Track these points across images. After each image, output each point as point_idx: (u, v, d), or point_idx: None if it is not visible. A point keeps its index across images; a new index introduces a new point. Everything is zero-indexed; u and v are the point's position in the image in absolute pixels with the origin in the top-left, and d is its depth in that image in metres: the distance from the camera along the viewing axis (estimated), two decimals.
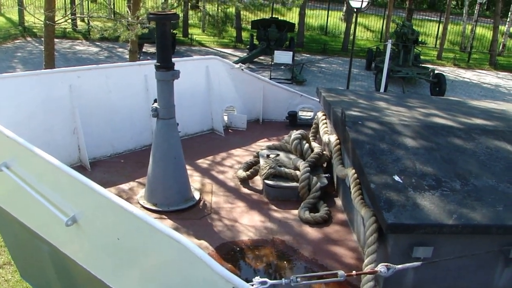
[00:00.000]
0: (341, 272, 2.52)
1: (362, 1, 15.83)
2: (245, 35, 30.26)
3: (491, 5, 46.50)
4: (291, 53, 22.01)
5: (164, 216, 5.25)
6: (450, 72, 27.17)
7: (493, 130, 5.46)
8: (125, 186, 5.91)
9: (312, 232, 5.10)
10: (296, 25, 29.21)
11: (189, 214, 5.33)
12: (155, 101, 5.24)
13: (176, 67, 5.16)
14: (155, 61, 5.14)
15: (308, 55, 28.12)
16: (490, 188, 4.37)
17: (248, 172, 6.14)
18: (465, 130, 5.40)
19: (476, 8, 33.72)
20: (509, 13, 34.35)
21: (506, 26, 34.57)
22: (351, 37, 16.61)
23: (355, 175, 4.77)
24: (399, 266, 2.68)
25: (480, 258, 4.21)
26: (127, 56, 16.82)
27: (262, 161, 6.06)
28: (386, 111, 5.94)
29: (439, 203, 4.05)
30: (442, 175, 4.44)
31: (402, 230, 3.85)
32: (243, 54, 25.51)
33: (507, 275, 4.36)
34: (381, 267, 2.64)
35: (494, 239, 4.09)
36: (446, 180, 4.38)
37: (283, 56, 21.49)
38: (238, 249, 4.72)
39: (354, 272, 2.67)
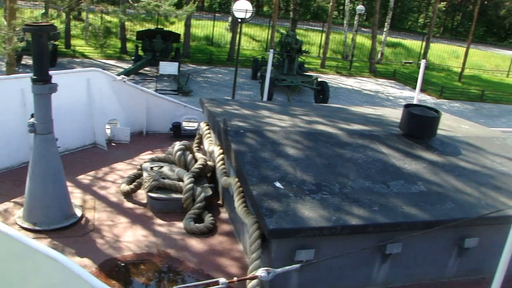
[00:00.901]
0: (222, 280, 2.61)
1: (246, 12, 16.23)
2: (130, 46, 29.75)
3: (370, 16, 49.65)
4: (176, 64, 22.02)
5: (44, 236, 5.07)
6: (333, 79, 28.59)
7: (370, 135, 5.87)
8: (0, 207, 5.62)
9: (197, 244, 5.17)
10: (182, 35, 29.25)
11: (71, 232, 5.20)
12: (32, 115, 5.07)
13: (55, 80, 5.02)
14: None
15: (194, 66, 28.24)
16: (367, 190, 4.71)
17: (131, 186, 6.09)
18: (344, 135, 5.76)
19: (356, 18, 35.80)
20: (385, 23, 36.91)
21: (384, 35, 37.11)
22: (237, 47, 16.95)
23: (238, 183, 4.92)
24: (279, 269, 2.81)
25: (359, 256, 4.53)
26: (4, 69, 15.93)
27: (145, 174, 6.04)
28: (268, 119, 6.17)
29: (319, 206, 4.30)
30: (321, 180, 4.71)
31: (284, 235, 4.04)
32: (128, 66, 25.08)
33: (385, 270, 4.72)
34: (261, 272, 2.75)
35: (372, 237, 4.42)
36: (326, 184, 4.65)
37: (168, 67, 21.42)
38: (122, 264, 4.68)
39: (235, 279, 2.77)
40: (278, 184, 4.49)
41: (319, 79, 23.07)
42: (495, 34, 67.87)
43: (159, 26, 29.61)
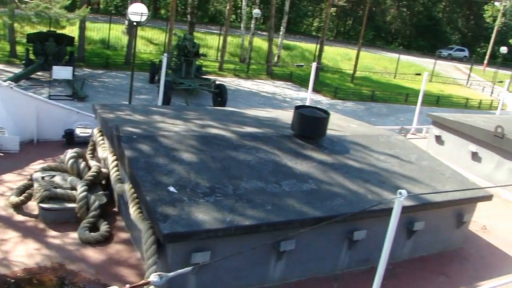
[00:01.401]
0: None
1: (142, 15, 15.99)
2: (20, 49, 28.24)
3: (266, 19, 50.64)
4: (71, 68, 21.19)
5: None
6: (231, 82, 28.88)
7: (263, 136, 6.03)
8: None
9: (94, 253, 5.05)
10: (76, 38, 28.22)
11: None
12: None
13: None
14: None
15: (90, 70, 27.36)
16: (260, 190, 4.84)
17: (21, 197, 5.81)
18: (238, 138, 5.87)
19: (252, 22, 36.37)
20: (281, 27, 37.83)
21: (280, 39, 38.01)
22: (133, 51, 16.65)
23: (132, 190, 4.87)
24: (171, 273, 2.85)
25: (255, 255, 4.65)
26: None
27: (36, 184, 5.80)
28: (162, 124, 6.15)
29: (213, 209, 4.37)
30: (215, 182, 4.78)
31: (179, 239, 4.06)
32: (18, 70, 23.81)
33: (281, 267, 4.88)
34: (153, 277, 2.77)
35: (266, 236, 4.55)
36: (219, 187, 4.73)
37: (62, 72, 20.55)
38: (12, 281, 4.47)
39: (127, 286, 2.77)
40: (172, 189, 4.51)
41: (217, 82, 23.23)
42: (383, 38, 71.72)
43: (51, 29, 28.37)
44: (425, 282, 5.57)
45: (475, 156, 9.06)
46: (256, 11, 35.50)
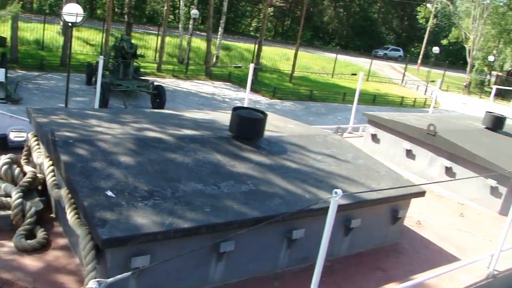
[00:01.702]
0: None
1: (77, 16, 15.61)
2: None
3: (204, 19, 50.50)
4: (3, 70, 20.45)
5: None
6: (170, 83, 28.64)
7: (200, 138, 6.05)
8: None
9: (31, 261, 4.92)
10: (9, 39, 27.21)
11: None
12: None
13: None
14: None
15: (24, 72, 26.41)
16: (198, 192, 4.87)
17: None
18: (176, 140, 5.87)
19: (190, 22, 36.17)
20: (220, 27, 37.85)
21: (218, 39, 38.01)
22: (69, 52, 16.24)
23: (69, 195, 4.79)
24: (110, 279, 2.83)
25: (195, 257, 4.68)
26: None
27: None
28: (99, 128, 6.07)
29: (152, 212, 4.36)
30: (153, 186, 4.77)
31: (118, 243, 4.04)
32: None
33: (221, 268, 4.93)
34: (92, 283, 2.75)
35: (205, 238, 4.58)
36: (158, 190, 4.72)
37: None
38: None
39: None
40: (110, 193, 4.47)
41: (156, 83, 22.97)
42: (321, 38, 73.04)
43: None
44: (363, 277, 5.75)
45: (409, 154, 9.42)
46: (194, 12, 35.34)
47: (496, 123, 9.97)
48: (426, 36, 62.78)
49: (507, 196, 8.15)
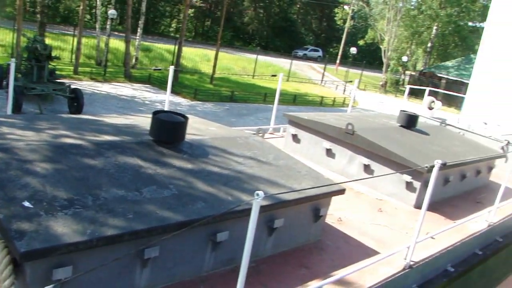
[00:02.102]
0: None
1: None
2: None
3: (123, 20, 49.53)
4: None
5: None
6: (88, 86, 27.88)
7: (121, 144, 5.98)
8: None
9: None
10: None
11: None
12: None
13: None
14: None
15: None
16: (120, 199, 4.82)
17: None
18: (95, 147, 5.77)
19: (108, 23, 35.35)
20: (139, 28, 37.24)
21: (137, 40, 37.40)
22: None
23: None
24: None
25: (120, 266, 4.62)
26: None
27: None
28: (12, 136, 5.84)
29: (73, 221, 4.27)
30: (74, 194, 4.67)
31: (38, 256, 3.92)
32: None
33: (146, 275, 4.90)
34: None
35: (129, 245, 4.54)
36: (78, 198, 4.63)
37: None
38: None
39: None
40: (27, 204, 4.33)
41: (73, 86, 22.26)
42: (241, 39, 73.56)
43: None
44: (288, 275, 5.90)
45: (329, 153, 9.72)
46: (112, 12, 34.54)
47: (409, 121, 10.49)
48: (344, 37, 64.73)
49: (421, 191, 8.59)
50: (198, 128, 7.45)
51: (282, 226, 6.04)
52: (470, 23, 66.88)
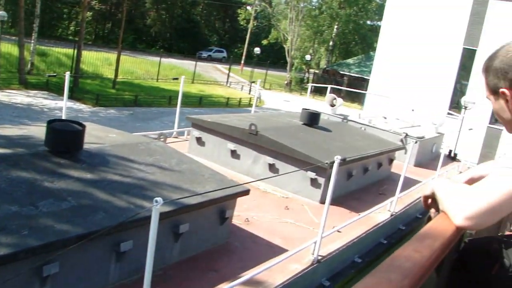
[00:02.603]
0: None
1: None
2: None
3: (15, 22, 47.16)
4: None
5: None
6: None
7: (13, 156, 5.71)
8: None
9: None
10: None
11: None
12: None
13: None
14: None
15: None
16: (13, 215, 4.60)
17: None
18: None
19: None
20: (33, 31, 35.60)
21: (32, 44, 35.72)
22: None
23: None
24: None
25: (16, 286, 4.41)
26: None
27: None
28: None
29: None
30: None
31: None
32: None
33: None
34: None
35: (26, 263, 4.35)
36: None
37: None
38: None
39: None
40: None
41: None
42: (144, 41, 72.37)
43: None
44: (196, 280, 5.90)
45: (234, 154, 9.80)
46: (1, 13, 32.80)
47: (311, 119, 10.81)
48: (247, 37, 65.48)
49: (325, 186, 8.88)
50: (97, 135, 7.26)
51: (188, 231, 6.03)
52: (368, 22, 70.00)
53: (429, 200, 2.25)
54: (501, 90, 2.14)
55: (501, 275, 2.43)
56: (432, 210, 2.24)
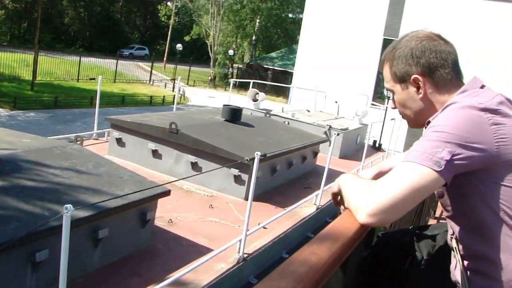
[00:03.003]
0: None
1: None
2: None
3: None
4: None
5: None
6: None
7: None
8: None
9: None
10: None
11: None
12: None
13: None
14: None
15: None
16: None
17: None
18: None
19: None
20: None
21: None
22: None
23: None
24: None
25: None
26: None
27: None
28: None
29: None
30: None
31: None
32: None
33: None
34: None
35: None
36: None
37: None
38: None
39: None
40: None
41: None
42: (63, 40, 70.08)
43: None
44: (119, 286, 5.72)
45: (155, 154, 9.59)
46: None
47: (233, 115, 10.73)
48: (169, 33, 64.76)
49: (249, 183, 8.85)
50: (9, 141, 6.89)
51: (108, 235, 5.82)
52: (290, 15, 70.92)
53: (338, 197, 2.22)
54: (413, 76, 2.12)
55: (414, 269, 2.43)
56: (342, 207, 2.21)
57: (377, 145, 18.16)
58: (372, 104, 23.26)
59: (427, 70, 2.13)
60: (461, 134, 1.79)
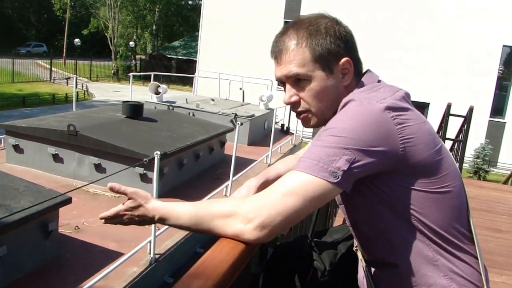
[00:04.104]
0: None
1: None
2: None
3: None
4: None
5: None
6: None
7: None
8: None
9: None
10: None
11: None
12: None
13: None
14: None
15: None
16: None
17: None
18: None
19: None
20: None
21: None
22: None
23: None
24: None
25: None
26: None
27: None
28: None
29: None
30: None
31: None
32: None
33: None
34: None
35: None
36: None
37: None
38: None
39: None
40: None
41: None
42: None
43: None
44: None
45: (56, 158, 9.09)
46: None
47: (134, 111, 10.32)
48: (66, 28, 62.13)
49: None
50: None
51: (7, 253, 5.43)
52: (190, 2, 70.03)
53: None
54: (345, 58, 1.76)
55: (316, 281, 2.24)
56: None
57: (285, 129, 18.28)
58: (278, 88, 23.36)
59: (353, 54, 1.80)
60: (361, 138, 1.52)
